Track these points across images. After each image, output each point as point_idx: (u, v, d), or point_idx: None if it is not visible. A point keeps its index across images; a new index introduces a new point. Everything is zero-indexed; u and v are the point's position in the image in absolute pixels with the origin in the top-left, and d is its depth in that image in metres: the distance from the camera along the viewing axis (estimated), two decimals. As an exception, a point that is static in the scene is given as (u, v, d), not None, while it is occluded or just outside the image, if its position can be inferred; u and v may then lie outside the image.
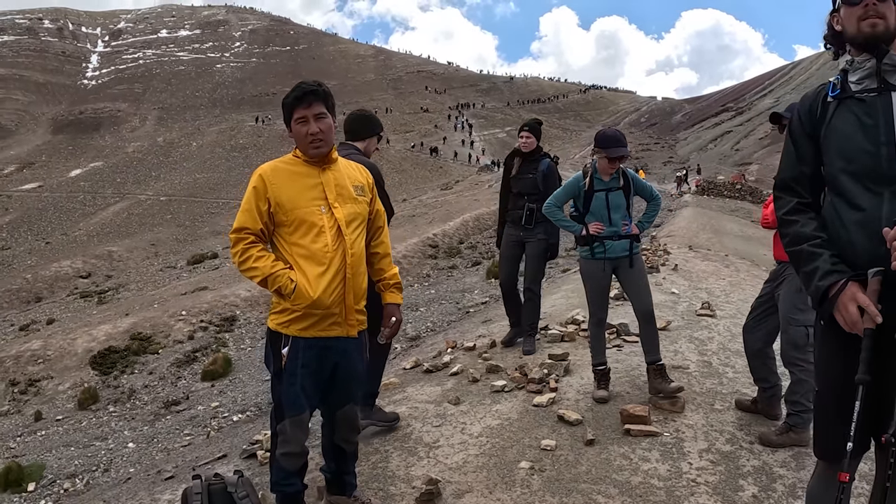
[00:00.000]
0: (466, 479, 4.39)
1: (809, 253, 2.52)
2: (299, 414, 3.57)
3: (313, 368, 3.56)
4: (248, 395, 15.47)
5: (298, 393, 3.53)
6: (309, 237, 3.49)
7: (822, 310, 2.53)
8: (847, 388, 2.41)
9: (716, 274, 14.24)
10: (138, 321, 23.52)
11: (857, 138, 2.45)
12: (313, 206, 3.52)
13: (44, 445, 15.30)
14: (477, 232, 34.43)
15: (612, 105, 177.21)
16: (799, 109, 2.72)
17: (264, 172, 3.56)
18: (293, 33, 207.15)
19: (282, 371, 3.53)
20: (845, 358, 2.47)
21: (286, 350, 3.51)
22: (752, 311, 5.38)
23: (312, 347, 3.53)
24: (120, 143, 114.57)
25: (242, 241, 3.50)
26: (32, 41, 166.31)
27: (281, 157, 3.70)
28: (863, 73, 2.51)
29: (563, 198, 5.95)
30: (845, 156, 2.48)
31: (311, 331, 3.51)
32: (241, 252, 3.49)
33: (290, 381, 3.52)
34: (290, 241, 3.51)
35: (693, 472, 4.35)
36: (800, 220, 2.62)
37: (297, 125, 3.54)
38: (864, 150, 2.43)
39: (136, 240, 61.33)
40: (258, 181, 3.53)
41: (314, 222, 3.50)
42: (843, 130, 2.49)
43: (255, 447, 5.44)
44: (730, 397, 5.70)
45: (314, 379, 3.59)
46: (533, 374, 6.19)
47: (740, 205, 42.90)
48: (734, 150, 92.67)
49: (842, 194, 2.50)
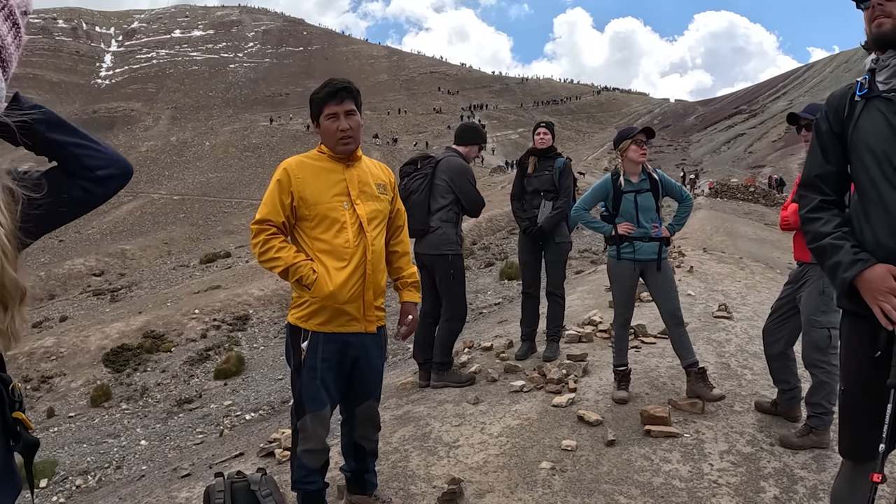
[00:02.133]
0: (487, 478, 4.38)
1: (832, 246, 2.51)
2: (320, 409, 3.56)
3: (333, 363, 3.56)
4: (261, 394, 15.50)
5: (318, 388, 3.53)
6: (331, 232, 3.50)
7: (849, 302, 2.52)
8: (876, 387, 2.40)
9: (731, 276, 14.19)
10: (151, 319, 23.60)
11: (885, 136, 2.44)
12: (336, 201, 3.53)
13: (56, 442, 15.36)
14: (490, 233, 34.41)
15: (625, 107, 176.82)
16: (826, 108, 2.71)
17: (289, 166, 3.57)
18: (306, 34, 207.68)
19: (301, 365, 3.52)
20: (873, 356, 2.45)
21: (305, 344, 3.51)
22: (772, 312, 5.34)
23: (332, 342, 3.53)
24: (133, 143, 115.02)
25: (264, 231, 3.51)
26: (47, 40, 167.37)
27: (305, 153, 3.70)
28: (889, 73, 2.50)
29: (591, 201, 5.89)
30: (873, 154, 2.46)
31: (329, 325, 3.52)
32: (262, 242, 3.49)
33: (310, 375, 3.52)
34: (312, 235, 3.52)
35: (714, 474, 4.33)
36: (823, 217, 2.61)
37: (326, 121, 3.54)
38: (892, 148, 2.41)
39: (149, 238, 61.55)
40: (283, 174, 3.54)
41: (336, 218, 3.51)
42: (870, 129, 2.48)
43: (273, 445, 5.43)
44: (749, 399, 5.68)
45: (334, 374, 3.59)
46: (552, 375, 6.17)
47: (753, 207, 42.74)
48: (747, 153, 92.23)
49: (868, 192, 2.49)
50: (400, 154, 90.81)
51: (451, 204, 6.50)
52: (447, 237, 6.45)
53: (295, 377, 3.59)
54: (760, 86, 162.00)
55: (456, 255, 6.52)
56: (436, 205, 6.51)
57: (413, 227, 6.18)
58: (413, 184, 6.61)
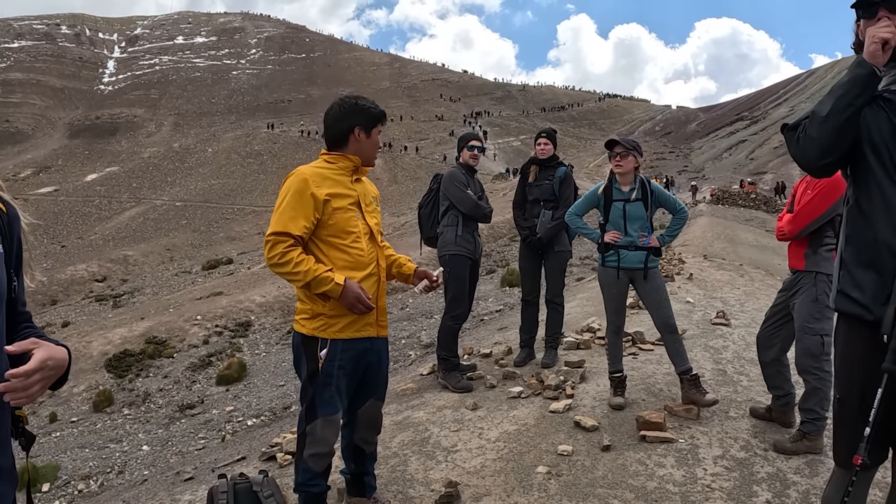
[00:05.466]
0: (484, 482, 4.45)
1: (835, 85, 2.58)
2: (333, 414, 3.63)
3: (349, 370, 3.64)
4: (263, 400, 15.56)
5: (333, 393, 3.60)
6: (347, 241, 3.61)
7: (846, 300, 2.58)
8: (872, 393, 2.45)
9: (731, 283, 14.23)
10: (154, 325, 23.68)
11: (888, 134, 2.49)
12: (350, 213, 3.63)
13: (58, 447, 15.42)
14: (491, 240, 34.47)
15: (627, 114, 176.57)
16: None
17: (309, 176, 3.57)
18: (309, 41, 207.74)
19: (317, 372, 3.57)
20: (869, 363, 2.50)
21: (324, 353, 3.56)
22: (766, 320, 5.40)
23: (350, 349, 3.62)
24: (136, 149, 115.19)
25: (281, 243, 3.47)
26: (50, 46, 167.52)
27: (313, 163, 3.73)
28: (889, 80, 2.58)
29: (584, 207, 5.99)
30: (876, 151, 2.51)
31: (347, 332, 3.60)
32: (280, 255, 3.45)
33: (326, 381, 3.57)
34: (331, 244, 3.59)
35: (708, 478, 4.39)
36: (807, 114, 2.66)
37: (377, 136, 3.80)
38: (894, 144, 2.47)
39: (151, 244, 61.63)
40: (303, 184, 3.53)
41: (352, 228, 3.62)
42: (873, 127, 2.52)
43: (275, 450, 5.49)
44: (744, 405, 5.73)
45: (348, 380, 3.67)
46: (549, 381, 6.24)
47: (755, 214, 42.71)
48: (749, 160, 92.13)
49: (869, 188, 2.53)
50: (402, 161, 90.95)
51: (449, 209, 6.88)
52: (446, 240, 6.82)
53: (308, 383, 3.62)
54: (762, 92, 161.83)
55: (453, 255, 6.75)
56: (441, 213, 6.98)
57: (424, 235, 7.29)
58: (422, 200, 7.29)
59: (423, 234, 7.26)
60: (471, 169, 7.04)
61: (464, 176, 6.89)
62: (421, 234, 7.30)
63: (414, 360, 12.56)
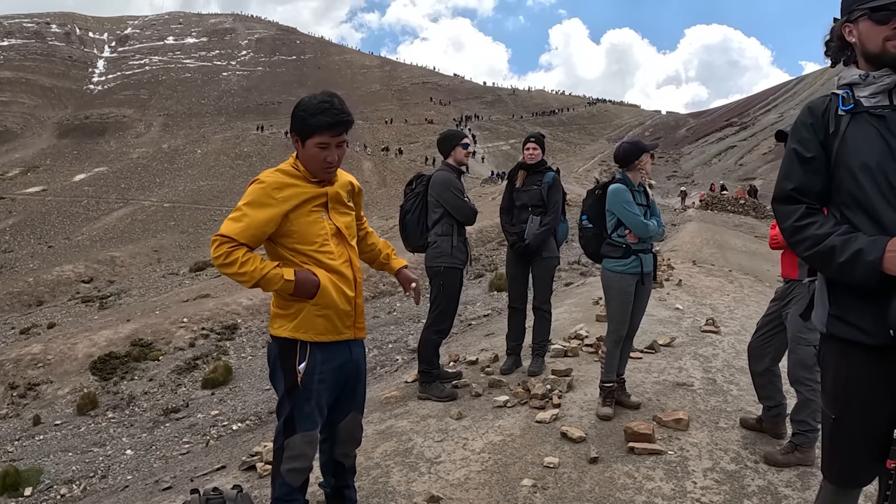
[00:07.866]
0: (468, 495, 4.34)
1: (842, 241, 2.33)
2: (312, 429, 3.47)
3: (329, 383, 3.49)
4: (248, 404, 15.46)
5: (313, 409, 3.43)
6: (315, 247, 3.42)
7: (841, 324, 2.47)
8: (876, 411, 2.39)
9: (720, 290, 14.20)
10: (139, 327, 23.53)
11: (879, 154, 2.36)
12: (314, 215, 3.45)
13: (42, 450, 15.30)
14: (480, 244, 34.35)
15: (617, 119, 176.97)
16: (810, 119, 2.58)
17: (269, 182, 3.38)
18: (299, 43, 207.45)
19: (296, 387, 3.40)
20: (870, 384, 2.41)
21: (303, 366, 3.38)
22: (757, 329, 5.33)
23: (329, 360, 3.45)
24: (125, 149, 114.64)
25: (227, 244, 3.27)
26: (39, 45, 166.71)
27: (280, 166, 3.52)
28: (876, 89, 2.42)
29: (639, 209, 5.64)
30: (868, 171, 2.37)
31: (327, 335, 3.43)
32: (225, 255, 3.26)
33: (306, 396, 3.40)
34: (297, 251, 3.42)
35: (697, 492, 4.30)
36: (816, 220, 2.46)
37: (316, 148, 3.37)
38: (890, 165, 2.34)
39: (139, 246, 61.30)
40: (260, 194, 3.35)
41: (317, 233, 3.44)
42: (863, 146, 2.39)
43: (255, 459, 5.38)
44: (734, 415, 5.66)
45: (329, 393, 3.51)
46: (536, 390, 6.13)
47: (744, 220, 42.86)
48: (738, 165, 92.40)
49: (858, 209, 2.40)
50: (391, 164, 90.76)
51: (443, 217, 6.56)
52: (442, 250, 6.51)
53: (286, 397, 3.44)
54: (751, 98, 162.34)
55: (449, 267, 6.51)
56: (431, 220, 6.63)
57: (412, 244, 6.79)
58: (406, 204, 6.79)
59: (409, 242, 6.80)
60: (459, 170, 6.89)
61: (460, 182, 6.73)
62: (406, 242, 6.85)
63: (400, 366, 12.46)
